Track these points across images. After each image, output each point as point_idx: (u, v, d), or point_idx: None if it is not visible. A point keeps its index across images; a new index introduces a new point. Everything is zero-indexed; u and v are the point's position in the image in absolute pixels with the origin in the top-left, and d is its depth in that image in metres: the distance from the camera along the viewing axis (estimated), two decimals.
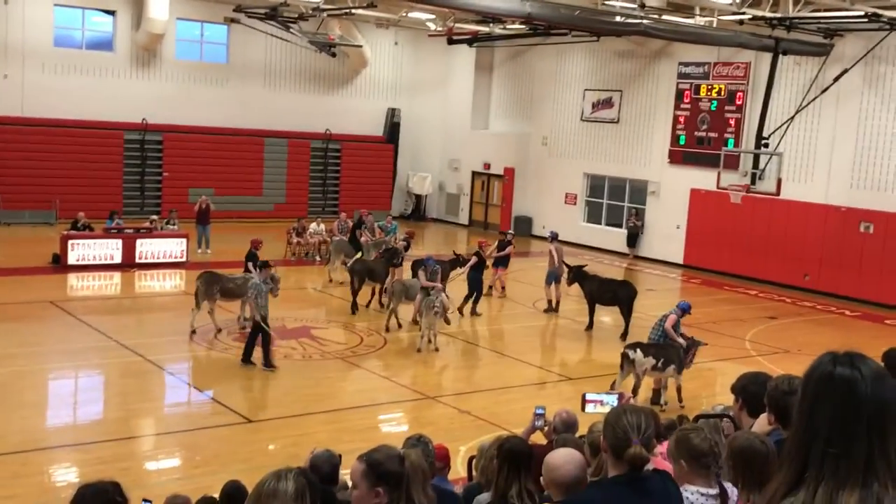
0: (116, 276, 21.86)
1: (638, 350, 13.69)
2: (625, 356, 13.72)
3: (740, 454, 4.11)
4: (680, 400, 13.74)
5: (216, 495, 6.69)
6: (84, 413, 12.78)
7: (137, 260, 22.67)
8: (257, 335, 14.61)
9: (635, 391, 13.65)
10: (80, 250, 22.10)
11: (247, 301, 16.19)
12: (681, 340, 14.10)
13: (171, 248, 23.30)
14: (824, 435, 2.25)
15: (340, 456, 5.91)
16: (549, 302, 20.45)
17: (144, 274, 22.26)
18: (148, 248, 22.93)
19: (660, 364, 13.67)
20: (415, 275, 18.38)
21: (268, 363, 14.57)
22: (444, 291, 17.33)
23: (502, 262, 21.49)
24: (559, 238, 21.21)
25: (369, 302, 19.70)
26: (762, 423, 4.45)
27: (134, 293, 21.23)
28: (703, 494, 4.00)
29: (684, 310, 14.56)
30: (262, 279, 14.80)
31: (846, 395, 2.26)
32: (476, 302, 19.73)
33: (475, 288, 19.62)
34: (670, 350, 13.87)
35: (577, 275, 19.25)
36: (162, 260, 23.02)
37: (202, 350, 15.80)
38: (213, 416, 12.46)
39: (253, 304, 14.67)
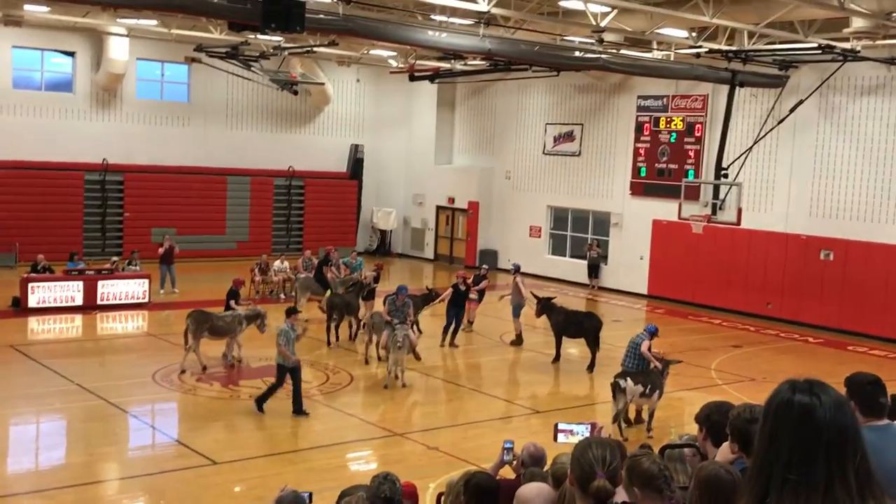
0: (78, 319, 21.60)
1: (628, 379, 13.88)
2: (616, 385, 13.86)
3: (706, 484, 4.11)
4: (649, 428, 13.82)
5: None
6: (47, 458, 12.56)
7: (99, 301, 22.41)
8: (284, 378, 14.28)
9: (623, 419, 13.90)
10: (41, 293, 21.83)
11: (234, 339, 17.11)
12: (657, 363, 14.36)
13: (133, 289, 23.08)
14: (784, 461, 2.29)
15: (311, 494, 5.85)
16: (518, 335, 20.48)
17: (106, 316, 22.01)
18: (109, 290, 22.69)
19: (647, 391, 13.96)
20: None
21: (300, 409, 14.28)
22: (412, 326, 17.36)
23: (478, 295, 21.55)
24: (521, 270, 21.28)
25: (338, 337, 19.63)
26: (725, 452, 4.48)
27: (96, 335, 20.97)
28: None
29: (652, 333, 14.88)
30: (289, 325, 14.54)
31: (805, 422, 2.31)
32: (454, 334, 19.93)
33: (454, 319, 19.90)
34: (653, 375, 14.20)
35: (545, 307, 19.31)
36: (124, 301, 22.77)
37: (166, 392, 15.61)
38: (178, 458, 12.29)
39: (285, 350, 14.24)
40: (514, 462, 6.77)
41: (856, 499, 2.26)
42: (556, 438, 4.37)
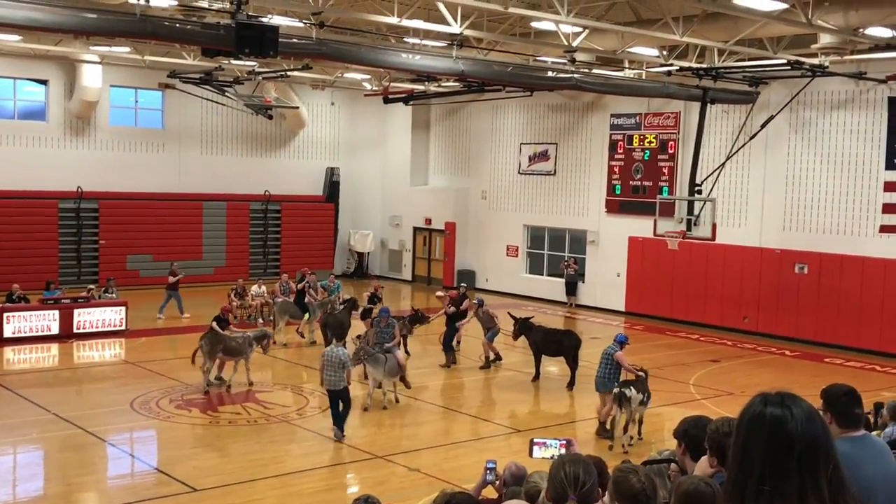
0: (54, 348, 21.43)
1: (632, 388, 14.18)
2: (622, 395, 14.18)
3: (686, 498, 4.14)
4: (640, 433, 14.51)
5: None
6: (23, 490, 12.43)
7: (75, 330, 22.25)
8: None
9: (626, 429, 14.24)
10: (16, 322, 21.64)
11: (246, 360, 17.55)
12: (638, 371, 14.83)
13: (110, 316, 22.93)
14: (758, 473, 2.33)
15: None
16: (486, 358, 20.48)
17: (83, 344, 21.85)
18: (86, 318, 22.54)
19: (644, 398, 14.43)
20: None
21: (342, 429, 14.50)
22: (400, 345, 17.44)
23: (461, 316, 21.47)
24: (484, 304, 21.00)
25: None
26: (703, 466, 4.51)
27: (73, 364, 20.81)
28: None
29: (622, 342, 15.10)
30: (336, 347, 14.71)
31: (777, 434, 2.35)
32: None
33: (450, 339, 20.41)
34: (644, 383, 14.60)
35: (523, 326, 19.35)
36: (101, 329, 22.62)
37: (144, 419, 15.49)
38: (157, 486, 12.20)
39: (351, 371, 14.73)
40: (497, 482, 6.77)
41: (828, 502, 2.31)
42: (531, 453, 4.40)
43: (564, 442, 4.27)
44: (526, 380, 18.93)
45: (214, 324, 17.97)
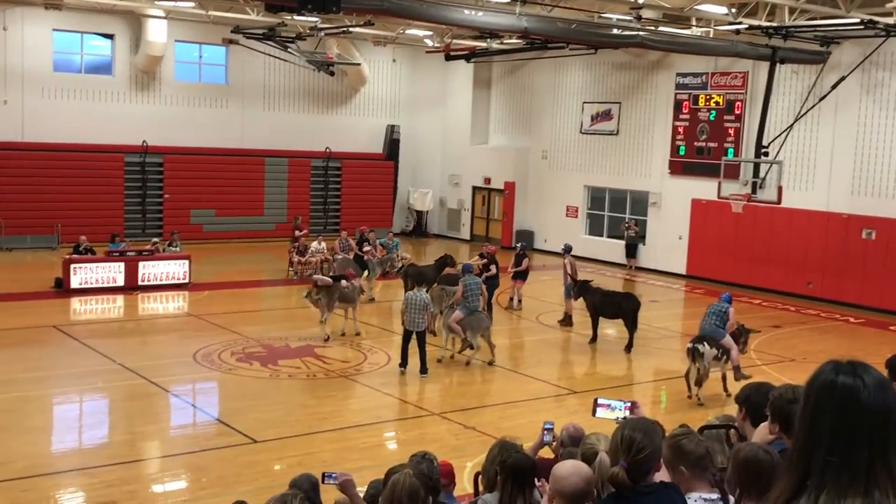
0: (119, 300, 21.87)
1: (706, 343, 14.29)
2: (694, 350, 14.47)
3: (745, 465, 4.09)
4: (726, 389, 14.86)
5: None
6: (89, 437, 12.76)
7: (140, 282, 22.67)
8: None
9: (700, 383, 14.44)
10: (83, 274, 22.11)
11: (354, 308, 18.60)
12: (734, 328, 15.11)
13: (174, 269, 23.30)
14: (826, 443, 2.27)
15: (325, 475, 5.84)
16: (566, 314, 20.38)
17: (147, 296, 22.26)
18: (150, 271, 22.94)
19: (720, 354, 14.62)
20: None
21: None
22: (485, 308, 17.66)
23: (521, 275, 21.79)
24: (572, 251, 21.09)
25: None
26: (763, 433, 4.45)
27: (137, 316, 21.24)
28: (705, 500, 3.99)
29: (729, 301, 15.30)
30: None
31: (848, 404, 2.27)
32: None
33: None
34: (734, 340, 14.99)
35: (581, 288, 19.24)
36: (165, 282, 23.02)
37: (206, 371, 15.78)
38: (218, 437, 12.43)
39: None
40: (554, 443, 6.76)
41: None
42: (594, 413, 4.37)
43: (629, 405, 4.22)
44: (583, 342, 18.86)
45: (329, 279, 18.81)
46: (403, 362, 15.72)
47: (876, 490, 2.21)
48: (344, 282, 18.68)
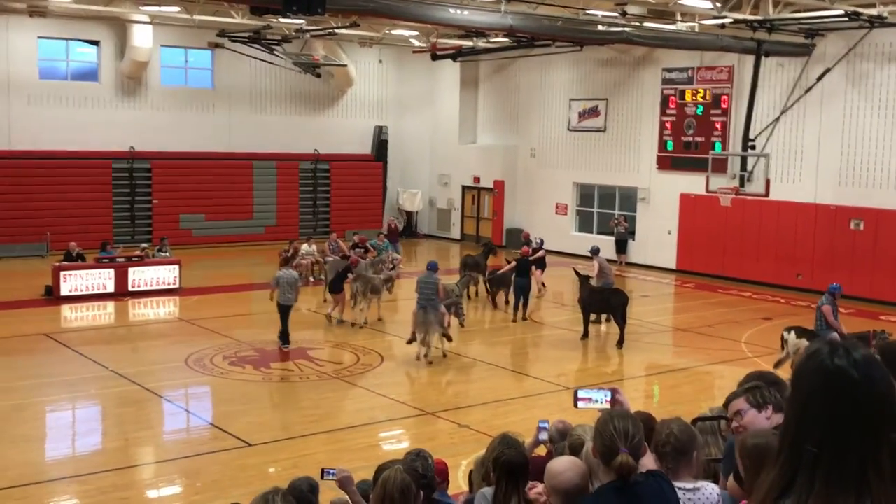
0: (110, 306, 21.83)
1: (792, 332, 14.51)
2: (782, 337, 15.02)
3: (755, 451, 4.12)
4: None
5: None
6: (83, 444, 12.74)
7: (130, 288, 22.61)
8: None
9: (776, 365, 14.24)
10: (73, 281, 22.05)
11: (379, 299, 20.16)
12: (843, 328, 14.64)
13: (164, 275, 23.26)
14: (817, 437, 2.07)
15: (324, 471, 5.87)
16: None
17: (138, 302, 22.23)
18: (140, 277, 22.89)
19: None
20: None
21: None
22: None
23: (540, 263, 22.71)
24: (599, 252, 20.98)
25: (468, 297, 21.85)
26: (760, 421, 4.48)
27: (128, 322, 21.20)
28: (681, 489, 4.03)
29: (833, 292, 14.99)
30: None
31: (843, 394, 2.07)
32: (525, 307, 20.54)
33: (523, 293, 20.49)
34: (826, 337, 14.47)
35: (581, 284, 19.20)
36: (155, 287, 22.97)
37: (199, 376, 15.76)
38: (213, 441, 12.43)
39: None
40: (549, 442, 6.79)
41: (889, 483, 2.04)
42: (575, 404, 4.38)
43: (609, 396, 4.23)
44: (575, 338, 18.89)
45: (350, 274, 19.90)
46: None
47: (868, 496, 2.02)
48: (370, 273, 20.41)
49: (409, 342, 16.89)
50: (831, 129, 24.44)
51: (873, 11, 20.15)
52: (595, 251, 20.72)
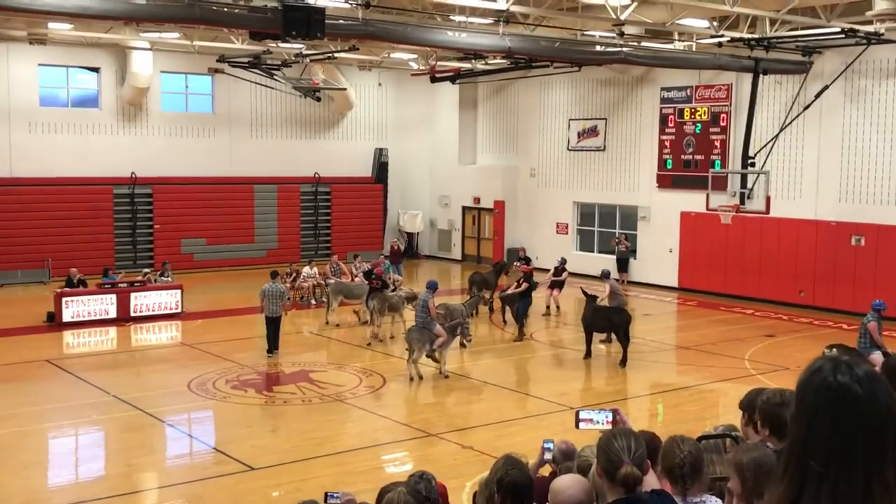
0: (112, 331, 21.81)
1: (834, 350, 14.02)
2: (823, 354, 14.07)
3: (753, 464, 4.11)
4: None
5: None
6: (86, 470, 12.70)
7: (132, 314, 22.60)
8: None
9: None
10: (75, 307, 22.06)
11: (400, 316, 20.54)
12: (886, 346, 14.14)
13: (166, 300, 23.26)
14: (822, 454, 2.06)
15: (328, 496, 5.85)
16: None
17: (140, 327, 22.21)
18: (142, 302, 22.89)
19: None
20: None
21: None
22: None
23: (558, 284, 23.65)
24: (610, 275, 21.20)
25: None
26: (752, 437, 4.49)
27: (130, 347, 21.17)
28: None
29: (879, 309, 14.65)
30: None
31: (847, 411, 2.06)
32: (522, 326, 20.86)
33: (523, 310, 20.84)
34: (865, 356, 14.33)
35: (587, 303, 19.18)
36: (157, 312, 22.96)
37: (202, 400, 15.73)
38: (216, 465, 12.39)
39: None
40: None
41: (893, 495, 2.02)
42: (577, 425, 4.37)
43: (610, 416, 4.24)
44: (578, 357, 18.86)
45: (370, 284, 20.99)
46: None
47: None
48: (388, 291, 20.97)
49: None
50: (830, 146, 24.50)
51: (870, 28, 20.23)
52: (606, 275, 20.76)
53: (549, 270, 24.83)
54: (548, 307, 23.62)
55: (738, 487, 3.87)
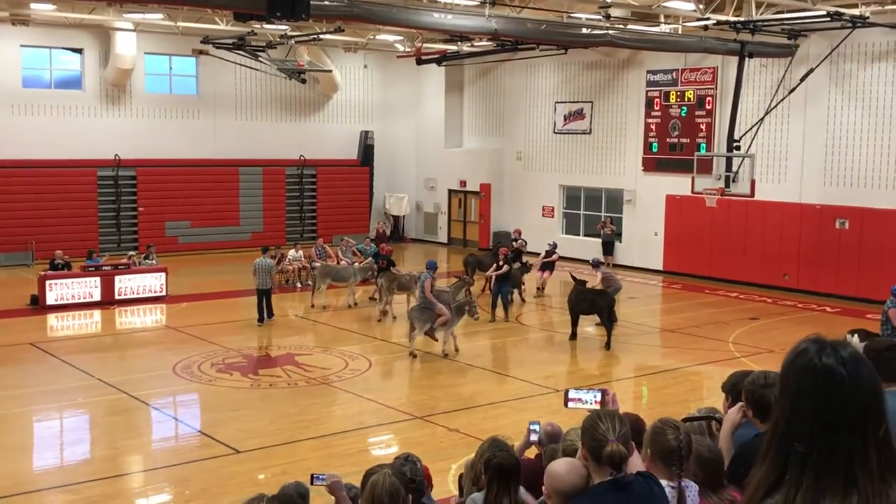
0: (96, 314, 21.73)
1: (856, 335, 13.97)
2: (845, 339, 14.05)
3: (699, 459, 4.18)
4: None
5: None
6: (71, 453, 12.67)
7: (117, 297, 22.52)
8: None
9: None
10: (59, 290, 21.94)
11: (413, 294, 19.88)
12: None
13: (151, 283, 23.17)
14: (806, 435, 2.08)
15: (314, 476, 5.84)
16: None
17: (124, 310, 22.13)
18: (127, 285, 22.79)
19: None
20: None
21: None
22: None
23: (549, 266, 23.93)
24: (601, 262, 21.43)
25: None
26: (731, 415, 4.53)
27: (115, 330, 21.10)
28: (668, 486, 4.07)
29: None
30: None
31: (832, 393, 2.07)
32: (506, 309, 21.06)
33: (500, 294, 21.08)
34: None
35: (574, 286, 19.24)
36: (141, 295, 22.88)
37: (186, 383, 15.70)
38: (201, 448, 12.38)
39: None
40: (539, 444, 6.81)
41: (876, 481, 2.04)
42: (566, 404, 4.38)
43: (599, 397, 4.25)
44: (563, 339, 18.92)
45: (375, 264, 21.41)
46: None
47: (855, 493, 2.04)
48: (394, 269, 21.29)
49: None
50: (815, 129, 24.57)
51: (855, 11, 20.27)
52: (596, 263, 20.76)
53: (538, 254, 24.87)
54: (538, 288, 24.05)
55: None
